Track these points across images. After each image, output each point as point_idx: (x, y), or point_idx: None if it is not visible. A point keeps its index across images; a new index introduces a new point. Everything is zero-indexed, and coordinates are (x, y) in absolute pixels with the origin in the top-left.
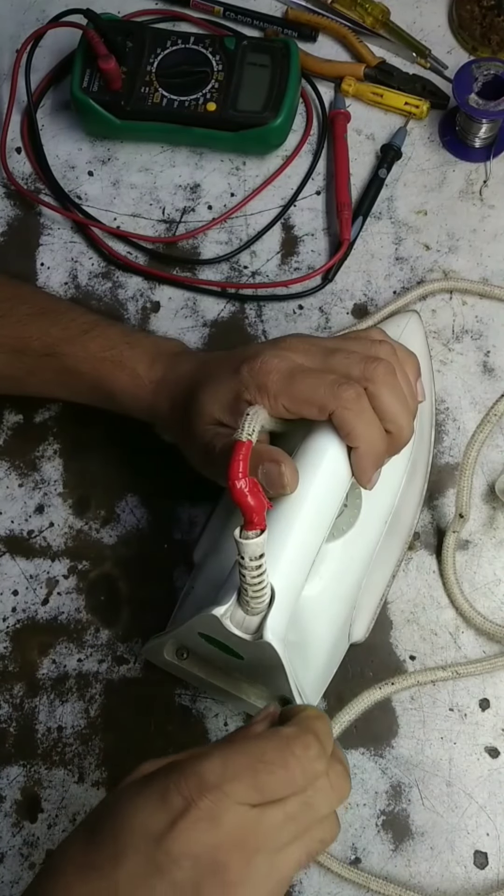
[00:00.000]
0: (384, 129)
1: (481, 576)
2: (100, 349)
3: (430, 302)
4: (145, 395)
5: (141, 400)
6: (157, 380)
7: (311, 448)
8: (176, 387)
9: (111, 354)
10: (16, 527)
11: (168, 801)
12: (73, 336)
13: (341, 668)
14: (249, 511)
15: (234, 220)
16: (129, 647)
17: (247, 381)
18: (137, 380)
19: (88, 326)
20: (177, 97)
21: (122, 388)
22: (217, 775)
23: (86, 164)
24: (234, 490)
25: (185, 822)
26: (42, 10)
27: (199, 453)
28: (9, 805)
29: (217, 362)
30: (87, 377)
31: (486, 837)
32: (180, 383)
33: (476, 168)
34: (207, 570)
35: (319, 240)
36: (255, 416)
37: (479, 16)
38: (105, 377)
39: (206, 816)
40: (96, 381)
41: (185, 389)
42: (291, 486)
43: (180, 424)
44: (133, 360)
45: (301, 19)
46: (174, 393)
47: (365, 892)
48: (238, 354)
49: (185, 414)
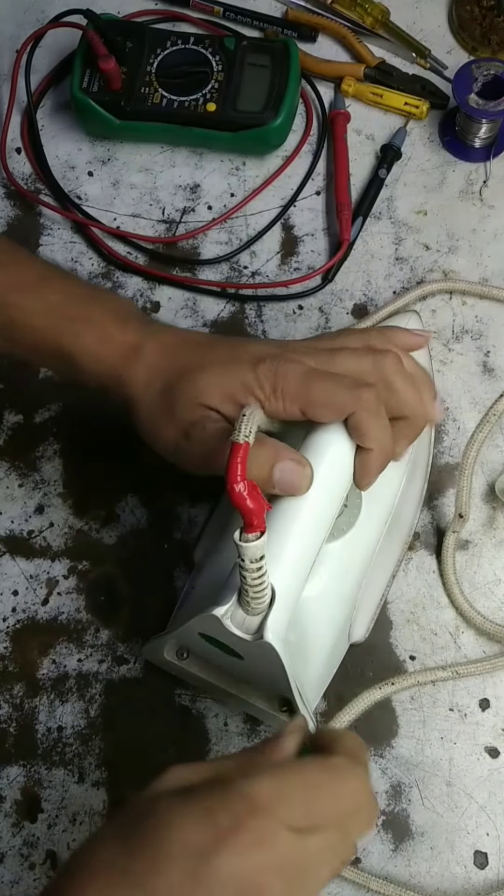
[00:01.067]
0: (384, 130)
1: (481, 576)
2: (61, 302)
3: (430, 302)
4: (114, 358)
5: (106, 363)
6: (132, 344)
7: (311, 448)
8: (161, 358)
9: (76, 310)
10: (16, 527)
11: (215, 818)
12: (28, 284)
13: (341, 668)
14: (249, 514)
15: (234, 221)
16: (129, 647)
17: (261, 381)
18: (107, 340)
19: (47, 274)
20: (177, 97)
21: (85, 349)
22: (269, 798)
23: (86, 165)
24: (232, 493)
25: (233, 842)
26: (42, 10)
27: (178, 432)
28: (9, 805)
29: (223, 349)
30: (42, 333)
31: (486, 837)
32: (167, 355)
33: (476, 168)
34: (207, 570)
35: (319, 240)
36: (251, 416)
37: (478, 16)
38: (65, 334)
39: (254, 839)
40: (53, 339)
41: (173, 365)
42: (307, 489)
43: (159, 398)
44: (101, 317)
45: (301, 19)
46: (158, 364)
47: (365, 892)
48: (248, 349)
49: (168, 389)
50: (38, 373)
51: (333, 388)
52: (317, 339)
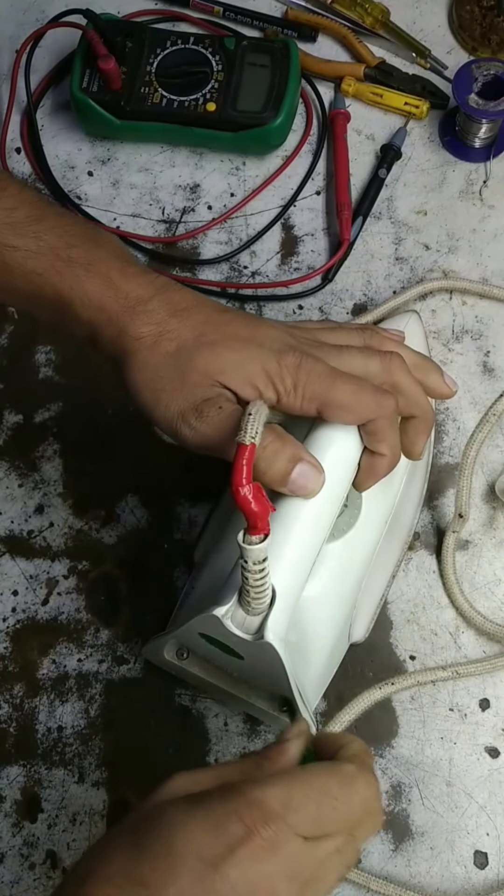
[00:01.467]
0: (384, 129)
1: (481, 576)
2: (58, 243)
3: (430, 302)
4: (117, 308)
5: (108, 313)
6: (138, 296)
7: (312, 448)
8: (173, 318)
9: (75, 252)
10: (16, 527)
11: (227, 826)
12: (21, 222)
13: (341, 668)
14: (253, 517)
15: (234, 220)
16: (129, 647)
17: (283, 374)
18: (110, 287)
19: (39, 210)
20: (176, 97)
21: (86, 296)
22: (280, 805)
23: (85, 165)
24: (237, 496)
25: (246, 850)
26: (42, 10)
27: (187, 404)
28: (9, 805)
29: (241, 325)
30: (38, 279)
31: (486, 837)
32: (181, 317)
33: (476, 168)
34: (207, 571)
35: (319, 240)
36: (257, 415)
37: (479, 16)
38: (64, 278)
39: (266, 846)
40: (50, 284)
41: (188, 330)
42: (316, 494)
43: (170, 362)
44: (103, 262)
45: (301, 19)
46: (169, 324)
47: (365, 892)
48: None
49: (181, 354)
50: (38, 373)
51: (357, 392)
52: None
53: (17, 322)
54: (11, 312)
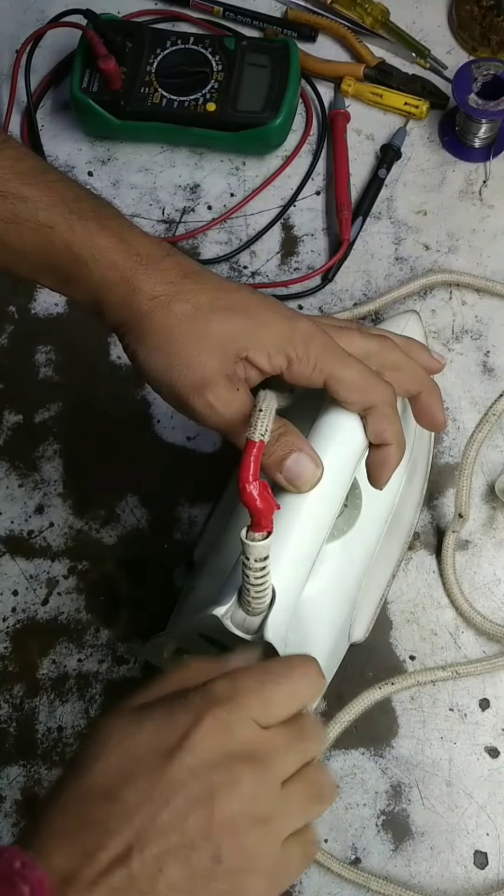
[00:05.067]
0: (384, 129)
1: (481, 576)
2: (70, 195)
3: (429, 302)
4: (129, 265)
5: (120, 270)
6: (149, 254)
7: (314, 444)
8: (187, 280)
9: (85, 204)
10: (16, 527)
11: (176, 718)
12: (29, 172)
13: (341, 668)
14: (258, 514)
15: (234, 220)
16: (129, 647)
17: (295, 340)
18: (124, 244)
19: (44, 165)
20: (176, 97)
21: (99, 251)
22: (228, 689)
23: (86, 165)
24: (244, 493)
25: (199, 733)
26: (42, 10)
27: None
28: (9, 805)
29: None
30: (49, 232)
31: (486, 837)
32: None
33: (476, 168)
34: (208, 570)
35: (319, 240)
36: (267, 410)
37: (478, 16)
38: (76, 231)
39: (219, 726)
40: (61, 238)
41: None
42: (310, 489)
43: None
44: (111, 216)
45: (301, 19)
46: (183, 284)
47: (365, 892)
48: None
49: (199, 315)
50: (38, 373)
51: (366, 374)
52: None
53: (17, 322)
54: (12, 312)
